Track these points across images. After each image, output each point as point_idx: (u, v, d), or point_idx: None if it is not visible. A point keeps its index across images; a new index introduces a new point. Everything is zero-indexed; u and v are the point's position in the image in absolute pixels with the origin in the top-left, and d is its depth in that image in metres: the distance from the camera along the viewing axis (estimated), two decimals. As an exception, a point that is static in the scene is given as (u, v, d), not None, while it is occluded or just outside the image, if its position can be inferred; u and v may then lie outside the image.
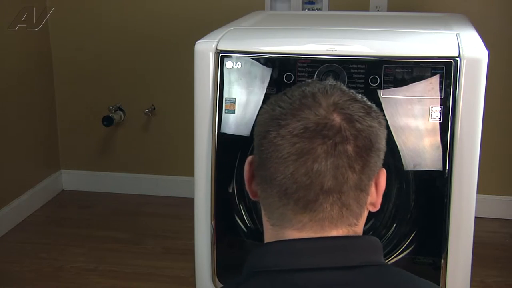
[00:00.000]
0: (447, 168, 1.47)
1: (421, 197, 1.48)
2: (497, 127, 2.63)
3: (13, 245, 2.57)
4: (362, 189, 0.80)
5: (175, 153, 2.96)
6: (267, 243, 0.85)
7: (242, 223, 1.60)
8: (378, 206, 0.85)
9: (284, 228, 0.82)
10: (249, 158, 0.88)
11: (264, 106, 0.86)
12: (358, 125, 0.79)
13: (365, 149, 0.79)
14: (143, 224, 2.74)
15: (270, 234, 0.85)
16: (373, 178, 0.82)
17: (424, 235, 1.48)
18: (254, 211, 1.60)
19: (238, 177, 1.58)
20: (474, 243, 1.53)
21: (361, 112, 0.80)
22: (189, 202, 1.74)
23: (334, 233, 0.80)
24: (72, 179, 3.11)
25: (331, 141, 0.77)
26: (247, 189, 0.89)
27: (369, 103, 0.84)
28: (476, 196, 1.51)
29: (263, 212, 0.86)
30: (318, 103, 0.79)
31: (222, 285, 1.63)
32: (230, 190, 1.60)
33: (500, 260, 2.37)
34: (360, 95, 0.84)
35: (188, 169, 1.88)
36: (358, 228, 0.82)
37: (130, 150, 3.03)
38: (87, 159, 3.08)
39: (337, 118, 0.78)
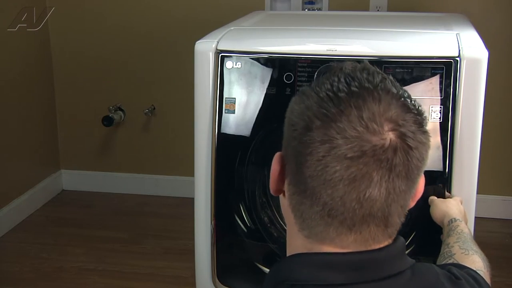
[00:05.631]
0: (447, 168, 1.47)
1: (421, 198, 1.48)
2: (497, 127, 2.63)
3: (13, 245, 2.57)
4: (406, 205, 0.77)
5: (175, 153, 2.96)
6: (301, 254, 0.78)
7: (242, 223, 1.60)
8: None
9: (322, 244, 0.77)
10: (280, 157, 0.80)
11: (303, 110, 0.75)
12: (412, 145, 0.72)
13: (416, 169, 0.74)
14: (143, 224, 2.74)
15: (300, 244, 0.79)
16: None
17: (424, 236, 1.48)
18: (254, 211, 1.60)
19: (238, 177, 1.58)
20: (474, 243, 1.53)
21: (414, 126, 0.73)
22: (189, 202, 1.74)
23: (376, 247, 0.77)
24: (72, 179, 3.11)
25: (387, 166, 0.71)
26: (271, 185, 0.82)
27: (419, 108, 0.75)
28: (476, 196, 1.51)
29: (292, 219, 0.79)
30: (373, 119, 0.71)
31: (222, 285, 1.63)
32: (230, 190, 1.60)
33: (500, 260, 2.37)
34: (406, 93, 0.76)
35: (188, 169, 1.88)
36: (395, 234, 0.79)
37: (130, 150, 3.03)
38: (87, 159, 3.08)
39: (392, 137, 0.71)
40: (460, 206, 1.41)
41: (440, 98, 1.45)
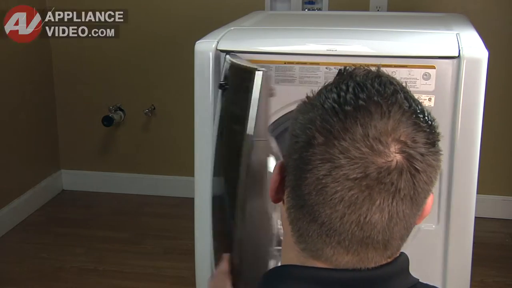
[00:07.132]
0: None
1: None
2: (497, 127, 2.63)
3: (13, 245, 2.57)
4: (411, 227, 0.72)
5: (175, 153, 2.96)
6: (293, 266, 0.76)
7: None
8: None
9: (316, 260, 0.73)
10: (281, 166, 0.76)
11: (306, 122, 0.70)
12: (420, 168, 0.68)
13: (423, 192, 0.69)
14: (143, 224, 2.74)
15: (295, 256, 0.76)
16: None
17: (424, 235, 1.48)
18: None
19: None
20: (474, 243, 1.53)
21: (425, 147, 0.68)
22: (189, 202, 1.74)
23: (372, 266, 0.72)
24: (72, 179, 3.11)
25: (391, 189, 0.67)
26: (271, 194, 0.78)
27: (432, 125, 0.70)
28: (476, 196, 1.51)
29: (289, 231, 0.76)
30: (379, 139, 0.66)
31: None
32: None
33: (500, 260, 2.37)
34: (420, 107, 0.70)
35: (188, 169, 1.88)
36: (395, 255, 0.75)
37: (130, 150, 3.03)
38: (87, 159, 3.08)
39: (399, 159, 0.66)
40: None
41: (440, 98, 1.45)
